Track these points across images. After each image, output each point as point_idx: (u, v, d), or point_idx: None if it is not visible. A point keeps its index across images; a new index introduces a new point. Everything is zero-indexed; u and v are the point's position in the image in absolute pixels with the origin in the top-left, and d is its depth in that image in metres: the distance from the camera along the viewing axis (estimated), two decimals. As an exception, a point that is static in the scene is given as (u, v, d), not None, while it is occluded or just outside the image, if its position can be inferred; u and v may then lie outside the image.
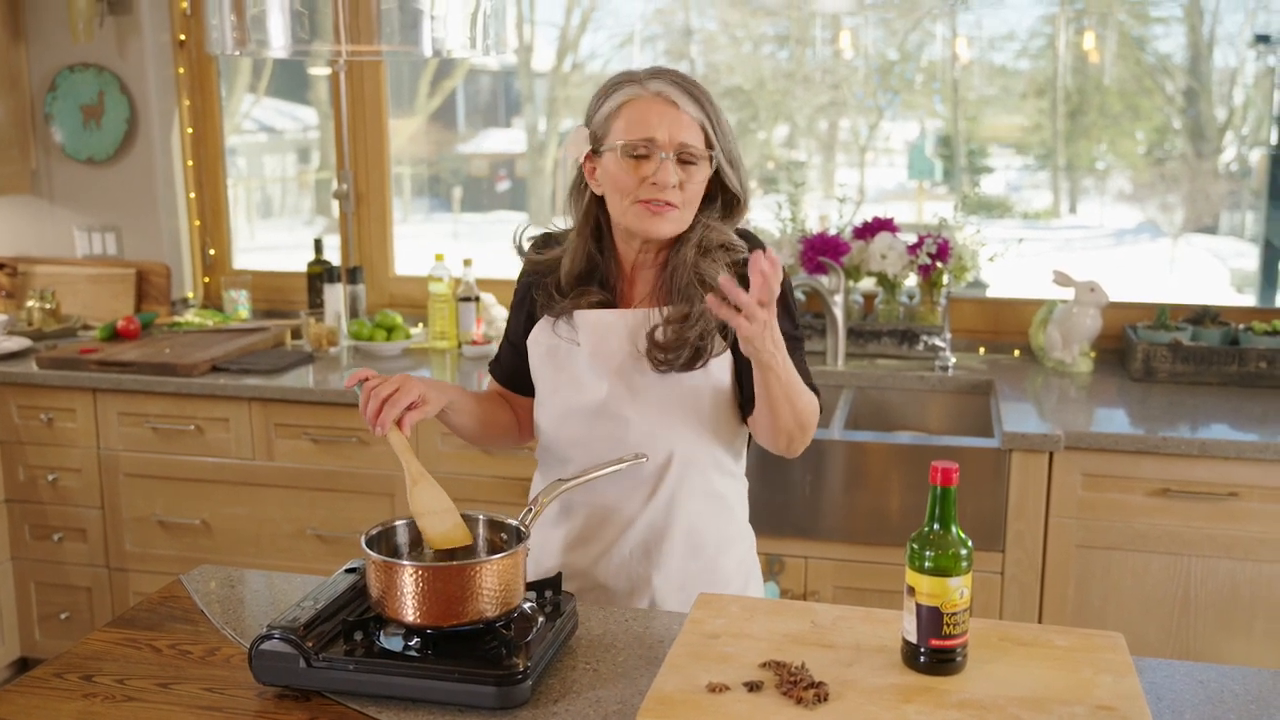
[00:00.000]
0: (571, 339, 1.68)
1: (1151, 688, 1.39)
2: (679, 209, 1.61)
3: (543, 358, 1.71)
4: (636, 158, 1.59)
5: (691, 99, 1.59)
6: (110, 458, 3.10)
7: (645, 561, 1.69)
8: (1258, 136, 3.92)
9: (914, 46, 4.08)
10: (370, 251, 3.62)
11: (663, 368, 1.63)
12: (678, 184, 1.59)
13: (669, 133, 1.58)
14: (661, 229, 1.61)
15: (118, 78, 3.53)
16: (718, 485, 1.72)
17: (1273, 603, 2.49)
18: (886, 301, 3.22)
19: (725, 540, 1.74)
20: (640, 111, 1.59)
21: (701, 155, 1.60)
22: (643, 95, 1.59)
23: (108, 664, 1.46)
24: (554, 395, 1.70)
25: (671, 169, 1.58)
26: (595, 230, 1.69)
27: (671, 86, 1.59)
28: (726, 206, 1.68)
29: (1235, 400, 2.76)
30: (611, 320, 1.66)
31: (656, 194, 1.58)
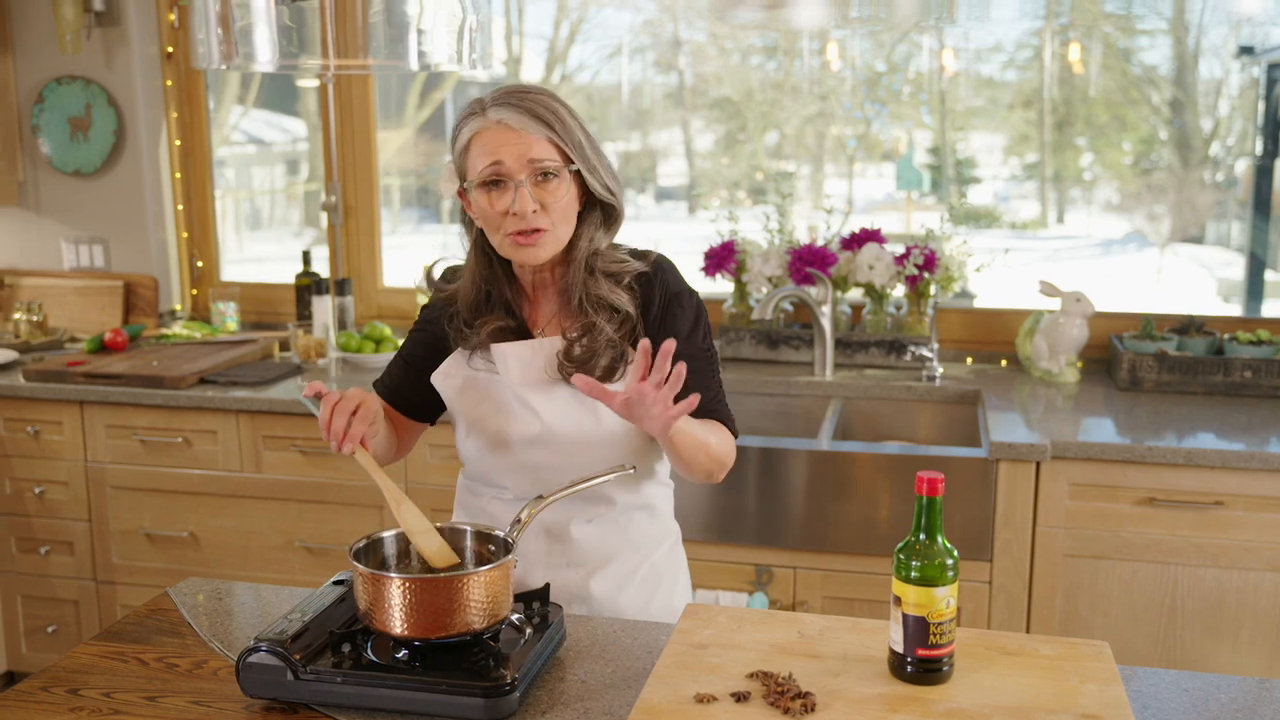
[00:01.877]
0: (490, 370, 1.68)
1: (1138, 696, 1.40)
2: (548, 230, 1.59)
3: (460, 391, 1.70)
4: (492, 189, 1.58)
5: (533, 118, 1.56)
6: (97, 470, 3.09)
7: (581, 569, 1.72)
8: (1243, 147, 3.95)
9: (901, 58, 4.10)
10: (359, 263, 3.62)
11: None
12: (538, 207, 1.57)
13: (515, 158, 1.56)
14: (537, 255, 1.60)
15: (105, 90, 3.53)
16: (649, 494, 1.75)
17: (1259, 611, 2.50)
18: (874, 312, 3.23)
19: (653, 540, 1.77)
20: (486, 142, 1.57)
21: (556, 169, 1.58)
22: (486, 126, 1.57)
23: (94, 677, 1.46)
24: (482, 426, 1.69)
25: (528, 195, 1.56)
26: (486, 259, 1.68)
27: (510, 110, 1.56)
28: (605, 215, 1.67)
29: (1221, 410, 2.78)
30: (529, 351, 1.66)
31: (520, 224, 1.57)
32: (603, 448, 1.66)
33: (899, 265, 3.12)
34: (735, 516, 2.67)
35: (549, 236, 1.60)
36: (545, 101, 1.59)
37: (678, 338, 1.64)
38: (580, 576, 1.72)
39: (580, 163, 1.60)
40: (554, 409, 1.65)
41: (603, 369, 1.63)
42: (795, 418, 3.06)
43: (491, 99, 1.59)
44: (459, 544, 1.52)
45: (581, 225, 1.65)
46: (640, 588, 1.74)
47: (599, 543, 1.72)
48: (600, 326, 1.63)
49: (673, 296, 1.68)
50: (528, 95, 1.58)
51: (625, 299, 1.65)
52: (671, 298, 1.68)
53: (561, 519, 1.70)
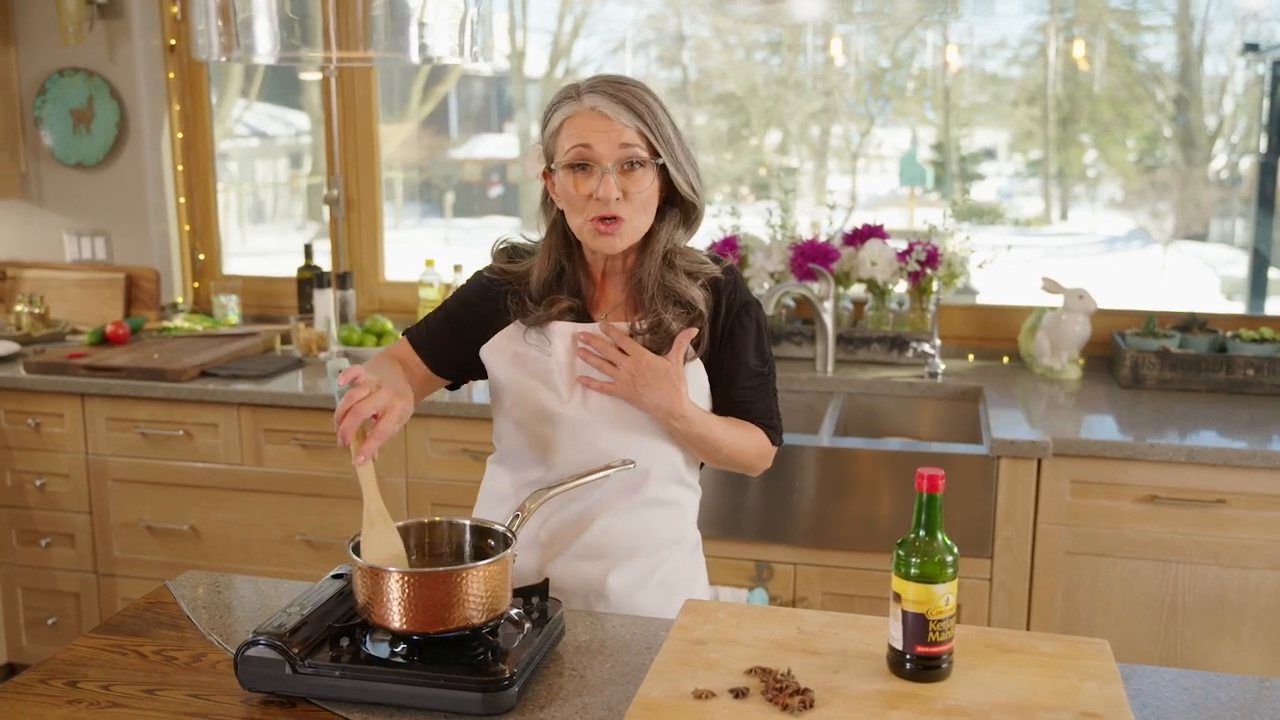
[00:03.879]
0: (542, 348, 1.69)
1: (1137, 695, 1.40)
2: (626, 221, 1.61)
3: (509, 363, 1.71)
4: (579, 173, 1.60)
5: (625, 108, 1.58)
6: (98, 463, 3.09)
7: (599, 564, 1.71)
8: (1247, 144, 3.94)
9: (905, 54, 4.09)
10: (361, 257, 3.62)
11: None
12: (621, 195, 1.59)
13: (606, 144, 1.58)
14: (613, 245, 1.62)
15: (108, 82, 3.53)
16: (674, 493, 1.74)
17: (1260, 609, 2.50)
18: (876, 308, 3.22)
19: (674, 543, 1.77)
20: (578, 126, 1.59)
21: (644, 160, 1.60)
22: (579, 110, 1.59)
23: (93, 670, 1.46)
24: (525, 400, 1.70)
25: (613, 182, 1.58)
26: (564, 240, 1.71)
27: (604, 98, 1.58)
28: (685, 213, 1.69)
29: (1223, 407, 2.77)
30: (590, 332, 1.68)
31: (601, 210, 1.59)
32: (642, 438, 1.67)
33: (901, 261, 3.12)
34: (736, 512, 2.67)
35: (627, 226, 1.62)
36: (639, 94, 1.61)
37: (743, 350, 1.70)
38: (600, 571, 1.71)
39: (667, 157, 1.62)
40: (598, 393, 1.67)
41: None
42: (797, 413, 3.06)
43: (588, 85, 1.61)
44: (458, 538, 1.52)
45: (661, 220, 1.67)
46: (658, 590, 1.73)
47: (622, 536, 1.71)
48: (667, 323, 1.65)
49: (742, 306, 1.71)
50: (624, 85, 1.60)
51: (699, 296, 1.67)
52: (741, 307, 1.71)
53: (585, 513, 1.70)
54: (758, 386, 1.73)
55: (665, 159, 1.61)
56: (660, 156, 1.61)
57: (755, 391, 1.73)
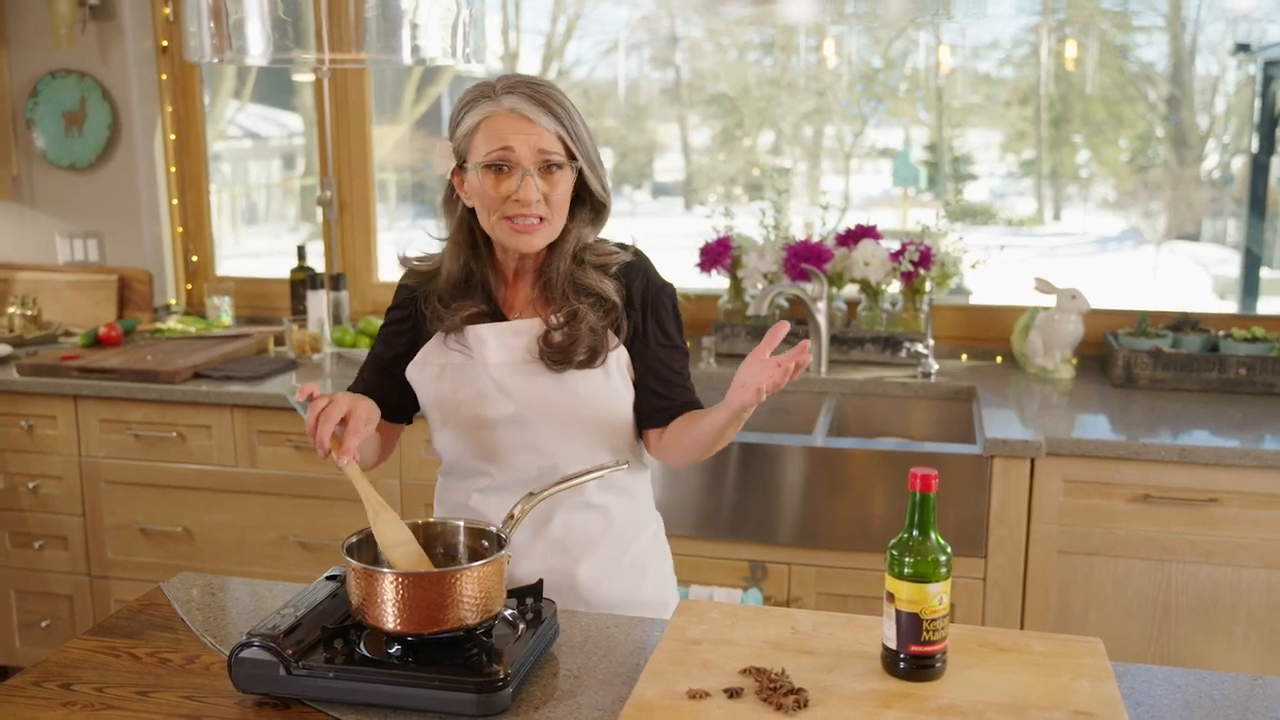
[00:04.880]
0: (465, 354, 1.70)
1: (1131, 693, 1.40)
2: (548, 221, 1.63)
3: (436, 379, 1.71)
4: (498, 174, 1.60)
5: (545, 110, 1.59)
6: (91, 465, 3.09)
7: (566, 558, 1.73)
8: (1239, 144, 3.95)
9: (898, 54, 4.09)
10: (354, 258, 3.62)
11: (558, 368, 1.66)
12: (542, 197, 1.60)
13: (526, 146, 1.59)
14: (532, 243, 1.64)
15: (100, 84, 3.52)
16: (624, 479, 1.76)
17: (1253, 608, 2.51)
18: (869, 308, 3.23)
19: (635, 526, 1.79)
20: (497, 127, 1.59)
21: (562, 163, 1.61)
22: (498, 111, 1.59)
23: (86, 672, 1.46)
24: (455, 412, 1.71)
25: (534, 184, 1.59)
26: (470, 239, 1.71)
27: (525, 101, 1.59)
28: (594, 210, 1.70)
29: (1215, 406, 2.78)
30: (505, 332, 1.69)
31: (521, 210, 1.60)
32: (582, 428, 1.68)
33: (894, 261, 3.12)
34: (729, 512, 2.67)
35: (547, 227, 1.64)
36: (557, 96, 1.62)
37: (665, 330, 1.72)
38: (566, 565, 1.72)
39: (583, 159, 1.64)
40: (530, 390, 1.67)
41: (584, 355, 1.66)
42: (790, 414, 3.06)
43: (504, 85, 1.61)
44: (451, 539, 1.52)
45: (571, 219, 1.68)
46: (627, 575, 1.76)
47: (581, 530, 1.73)
48: (583, 314, 1.66)
49: (658, 289, 1.73)
50: (541, 88, 1.61)
51: (611, 288, 1.69)
52: (658, 290, 1.73)
53: (542, 509, 1.71)
54: (684, 364, 1.75)
55: (582, 161, 1.63)
56: (577, 159, 1.63)
57: (684, 368, 1.74)
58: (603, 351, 1.67)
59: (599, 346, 1.67)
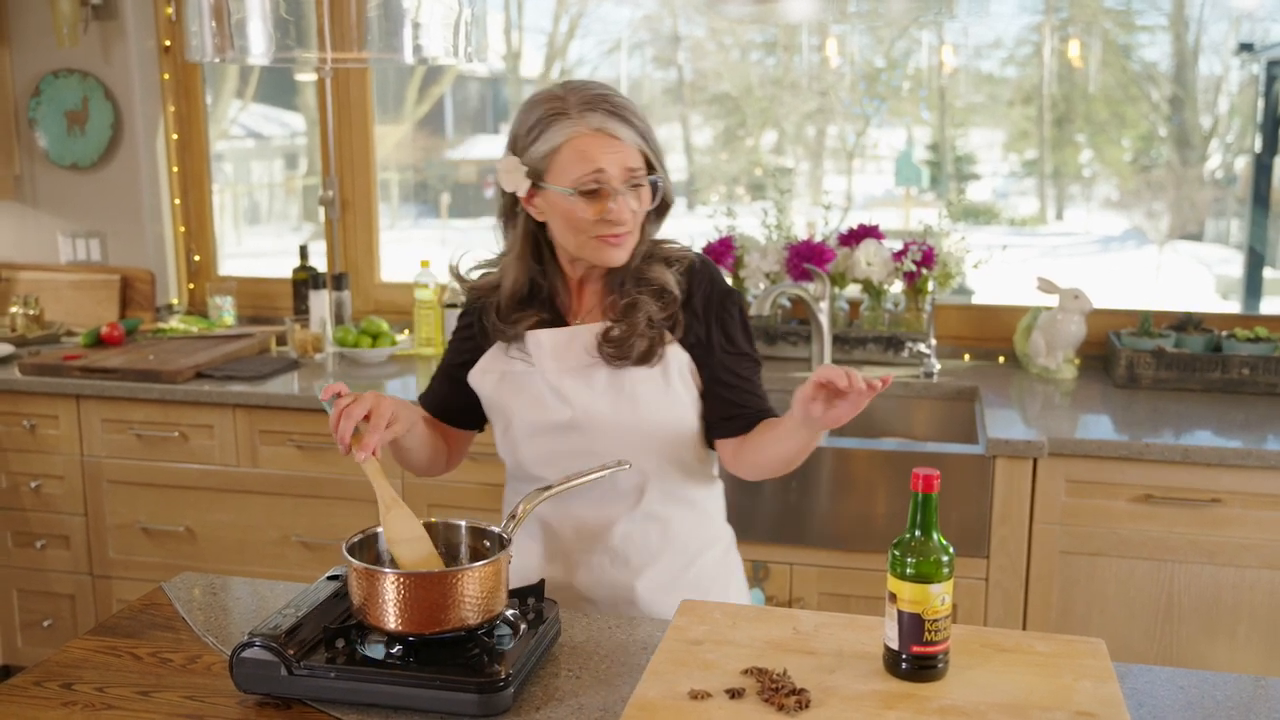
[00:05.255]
0: (526, 361, 1.69)
1: (1133, 694, 1.40)
2: (633, 234, 1.63)
3: (496, 386, 1.71)
4: (590, 196, 1.58)
5: (628, 125, 1.58)
6: (94, 464, 3.09)
7: (626, 570, 1.70)
8: (1242, 144, 3.94)
9: (900, 54, 4.09)
10: (356, 258, 3.62)
11: (617, 362, 1.64)
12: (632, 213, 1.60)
13: (617, 167, 1.57)
14: (620, 257, 1.63)
15: (102, 83, 3.52)
16: (691, 490, 1.73)
17: (1255, 608, 2.50)
18: (872, 308, 3.22)
19: (703, 542, 1.76)
20: (584, 149, 1.56)
21: (643, 180, 1.60)
22: (583, 132, 1.56)
23: (87, 672, 1.46)
24: (516, 418, 1.70)
25: (627, 203, 1.58)
26: (535, 252, 1.69)
27: (609, 118, 1.57)
28: (659, 210, 1.69)
29: (1218, 407, 2.78)
30: (565, 337, 1.67)
31: (612, 230, 1.59)
32: (639, 435, 1.65)
33: (897, 261, 3.12)
34: (732, 513, 2.66)
35: (631, 239, 1.63)
36: (631, 106, 1.61)
37: (731, 337, 1.69)
38: (626, 577, 1.70)
39: (661, 170, 1.63)
40: (587, 395, 1.65)
41: (640, 351, 1.64)
42: (792, 414, 3.06)
43: (580, 101, 1.57)
44: (453, 539, 1.52)
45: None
46: (690, 591, 1.72)
47: (641, 542, 1.70)
48: (643, 304, 1.64)
49: (724, 295, 1.70)
50: (618, 101, 1.59)
51: (671, 280, 1.66)
52: (723, 296, 1.70)
53: (601, 519, 1.69)
54: (755, 371, 1.71)
55: (660, 171, 1.63)
56: (655, 171, 1.62)
57: (754, 375, 1.71)
58: (660, 348, 1.65)
59: (656, 343, 1.65)
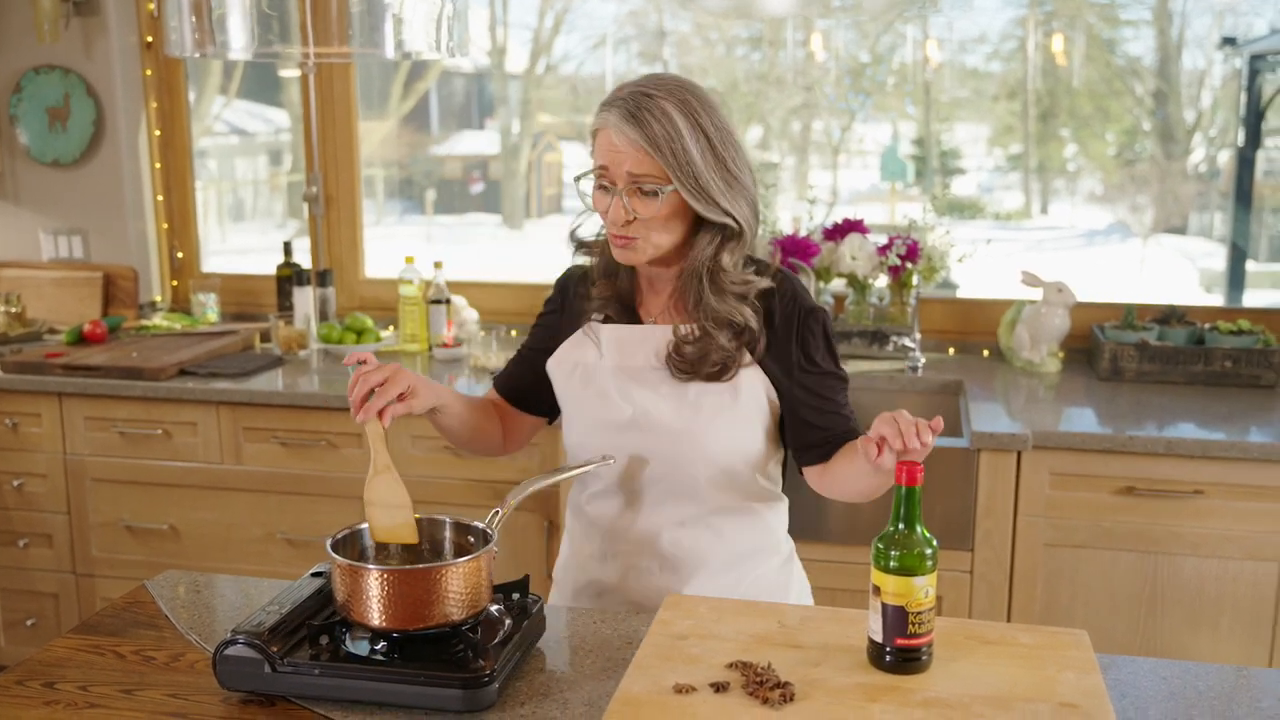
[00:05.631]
0: (597, 348, 1.67)
1: (1116, 685, 1.40)
2: (642, 239, 1.57)
3: (568, 375, 1.70)
4: (598, 190, 1.58)
5: (641, 133, 1.51)
6: (77, 462, 3.07)
7: (674, 577, 1.67)
8: (1225, 138, 3.96)
9: (885, 49, 4.10)
10: (340, 254, 3.60)
11: (685, 378, 1.62)
12: (632, 218, 1.55)
13: (617, 168, 1.54)
14: (631, 259, 1.60)
15: (84, 80, 3.50)
16: (749, 501, 1.69)
17: (1238, 599, 2.52)
18: (857, 302, 3.23)
19: (758, 553, 1.72)
20: (601, 143, 1.56)
21: (654, 188, 1.53)
22: (604, 126, 1.55)
23: (70, 671, 1.45)
24: (580, 411, 1.69)
25: (622, 206, 1.54)
26: None
27: (618, 117, 1.52)
28: (725, 230, 1.59)
29: (1201, 399, 2.79)
30: (634, 335, 1.66)
31: (613, 229, 1.58)
32: (697, 443, 1.62)
33: (881, 256, 3.12)
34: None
35: (643, 244, 1.58)
36: (667, 111, 1.51)
37: (811, 357, 1.64)
38: (675, 584, 1.67)
39: (686, 181, 1.52)
40: (651, 397, 1.63)
41: (711, 370, 1.61)
42: (778, 408, 3.06)
43: (614, 95, 1.55)
44: (438, 535, 1.51)
45: (696, 236, 1.60)
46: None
47: (690, 547, 1.67)
48: (716, 337, 1.60)
49: (806, 313, 1.65)
50: (648, 101, 1.51)
51: (749, 314, 1.61)
52: (806, 314, 1.65)
53: (653, 524, 1.67)
54: (838, 390, 1.65)
55: (679, 185, 1.53)
56: (672, 184, 1.53)
57: (836, 394, 1.65)
58: (734, 367, 1.61)
59: (730, 362, 1.61)
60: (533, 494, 1.57)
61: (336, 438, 2.90)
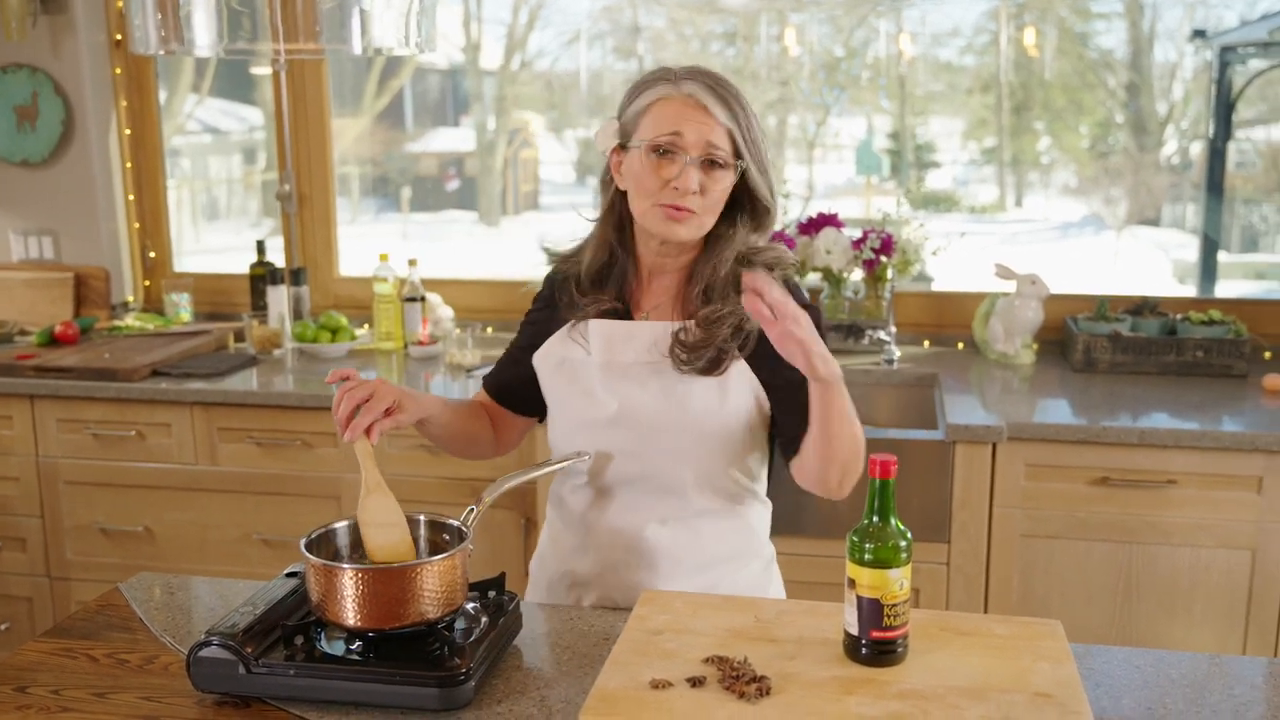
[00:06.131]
0: (584, 348, 1.66)
1: (1090, 674, 1.41)
2: (698, 215, 1.57)
3: (554, 371, 1.69)
4: (661, 157, 1.56)
5: (722, 104, 1.56)
6: (49, 465, 3.05)
7: (652, 574, 1.66)
8: (1197, 130, 3.99)
9: (860, 43, 4.10)
10: (314, 252, 3.59)
11: (684, 368, 1.60)
12: (698, 190, 1.55)
13: (695, 136, 1.54)
14: (679, 233, 1.58)
15: (52, 78, 3.47)
16: (732, 503, 1.69)
17: (1211, 588, 2.54)
18: (832, 296, 3.23)
19: (738, 556, 1.71)
20: (669, 111, 1.56)
21: (727, 161, 1.57)
22: (674, 95, 1.56)
23: (42, 674, 1.44)
24: (565, 408, 1.68)
25: (694, 174, 1.54)
26: (618, 223, 1.67)
27: (703, 89, 1.55)
28: (755, 216, 1.64)
29: (1173, 389, 2.81)
30: (625, 331, 1.65)
31: (677, 199, 1.55)
32: (682, 438, 1.61)
33: (856, 249, 3.13)
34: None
35: (696, 220, 1.58)
36: (735, 92, 1.58)
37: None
38: (649, 581, 1.66)
39: (752, 161, 1.59)
40: (637, 394, 1.62)
41: (709, 360, 1.60)
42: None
43: (685, 72, 1.58)
44: (413, 533, 1.51)
45: (731, 223, 1.62)
46: None
47: (670, 545, 1.66)
48: (728, 316, 1.59)
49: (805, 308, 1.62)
50: (722, 81, 1.58)
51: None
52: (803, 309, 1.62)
53: (635, 520, 1.66)
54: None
55: (748, 163, 1.58)
56: (743, 159, 1.58)
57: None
58: (726, 360, 1.60)
59: (726, 354, 1.60)
60: (509, 491, 1.57)
61: (312, 437, 2.88)
